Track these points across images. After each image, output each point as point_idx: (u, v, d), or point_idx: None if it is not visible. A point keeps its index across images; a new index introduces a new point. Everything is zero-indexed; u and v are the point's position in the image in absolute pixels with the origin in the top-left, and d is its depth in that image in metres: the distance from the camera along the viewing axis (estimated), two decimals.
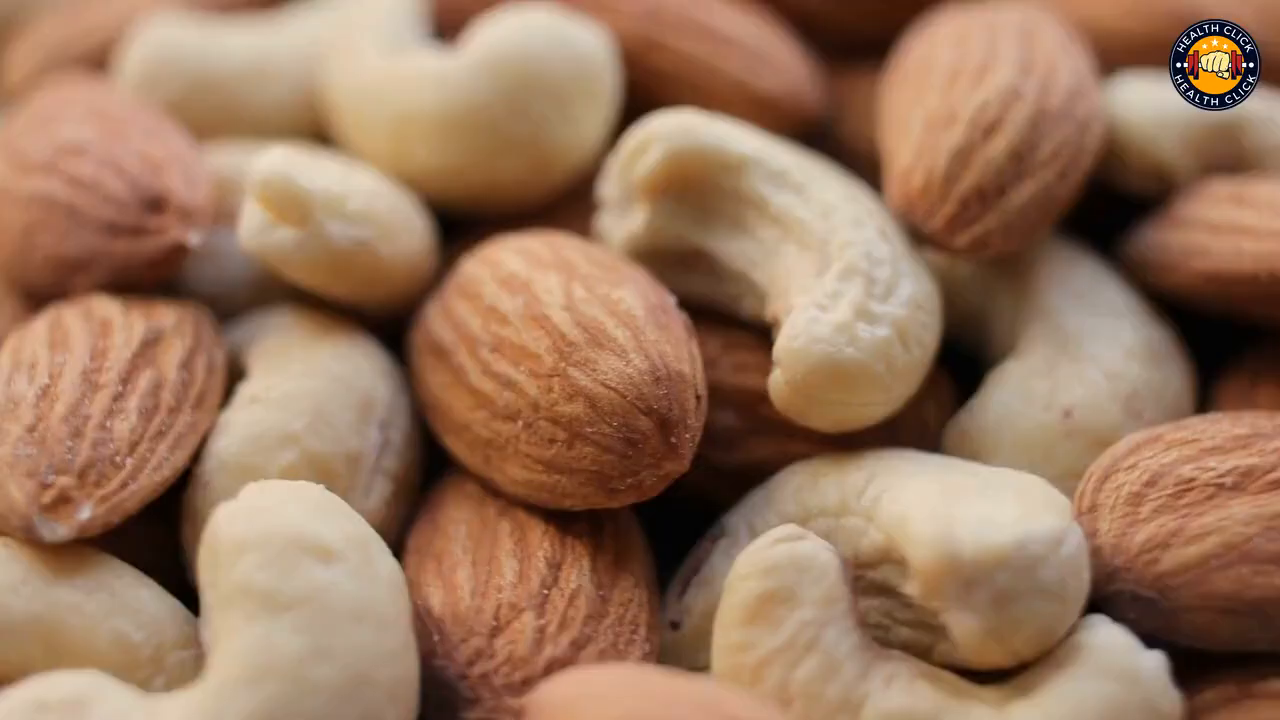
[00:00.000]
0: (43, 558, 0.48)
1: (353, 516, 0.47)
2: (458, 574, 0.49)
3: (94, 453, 0.48)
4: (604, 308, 0.50)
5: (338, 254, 0.53)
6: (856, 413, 0.50)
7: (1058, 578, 0.45)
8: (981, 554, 0.44)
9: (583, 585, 0.49)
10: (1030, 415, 0.52)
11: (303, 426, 0.51)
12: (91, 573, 0.48)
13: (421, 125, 0.58)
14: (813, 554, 0.47)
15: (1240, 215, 0.55)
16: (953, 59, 0.57)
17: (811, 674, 0.46)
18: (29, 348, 0.52)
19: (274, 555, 0.45)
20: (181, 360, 0.52)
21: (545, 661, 0.47)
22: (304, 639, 0.44)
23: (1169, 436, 0.50)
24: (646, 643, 0.49)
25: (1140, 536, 0.48)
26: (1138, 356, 0.54)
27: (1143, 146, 0.58)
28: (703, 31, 0.60)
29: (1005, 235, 0.53)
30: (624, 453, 0.49)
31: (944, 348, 0.57)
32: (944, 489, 0.47)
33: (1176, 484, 0.49)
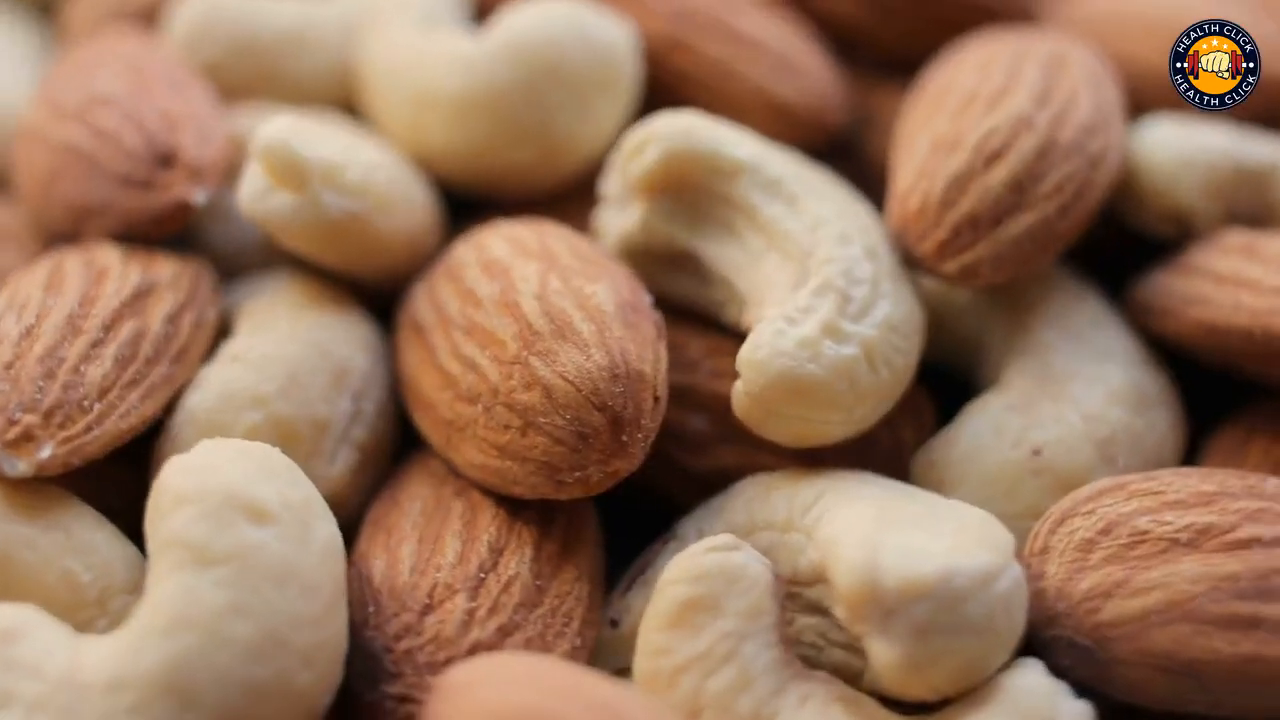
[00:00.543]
0: (3, 492, 0.49)
1: (299, 482, 0.48)
2: (403, 548, 0.50)
3: (63, 395, 0.49)
4: (574, 300, 0.50)
5: (330, 223, 0.54)
6: (816, 429, 0.50)
7: (984, 615, 0.45)
8: (903, 584, 0.44)
9: (520, 573, 0.49)
10: (998, 450, 0.52)
11: (273, 389, 0.52)
12: (50, 511, 0.50)
13: (439, 106, 0.58)
14: (743, 566, 0.47)
15: (1247, 268, 0.54)
16: (972, 83, 0.56)
17: (725, 685, 0.46)
18: (26, 288, 0.53)
19: (209, 510, 0.46)
20: (169, 314, 0.53)
21: (470, 644, 0.47)
22: (225, 594, 0.45)
23: (1134, 486, 0.49)
24: (578, 636, 0.49)
25: (1085, 584, 0.47)
26: (1122, 401, 0.53)
27: (1162, 189, 0.57)
28: (729, 35, 0.60)
29: (996, 265, 0.52)
30: (574, 446, 0.49)
31: (938, 374, 0.57)
32: (882, 514, 0.47)
33: (1131, 535, 0.48)
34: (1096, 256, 0.59)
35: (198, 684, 0.44)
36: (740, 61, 0.60)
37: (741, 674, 0.46)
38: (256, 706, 0.44)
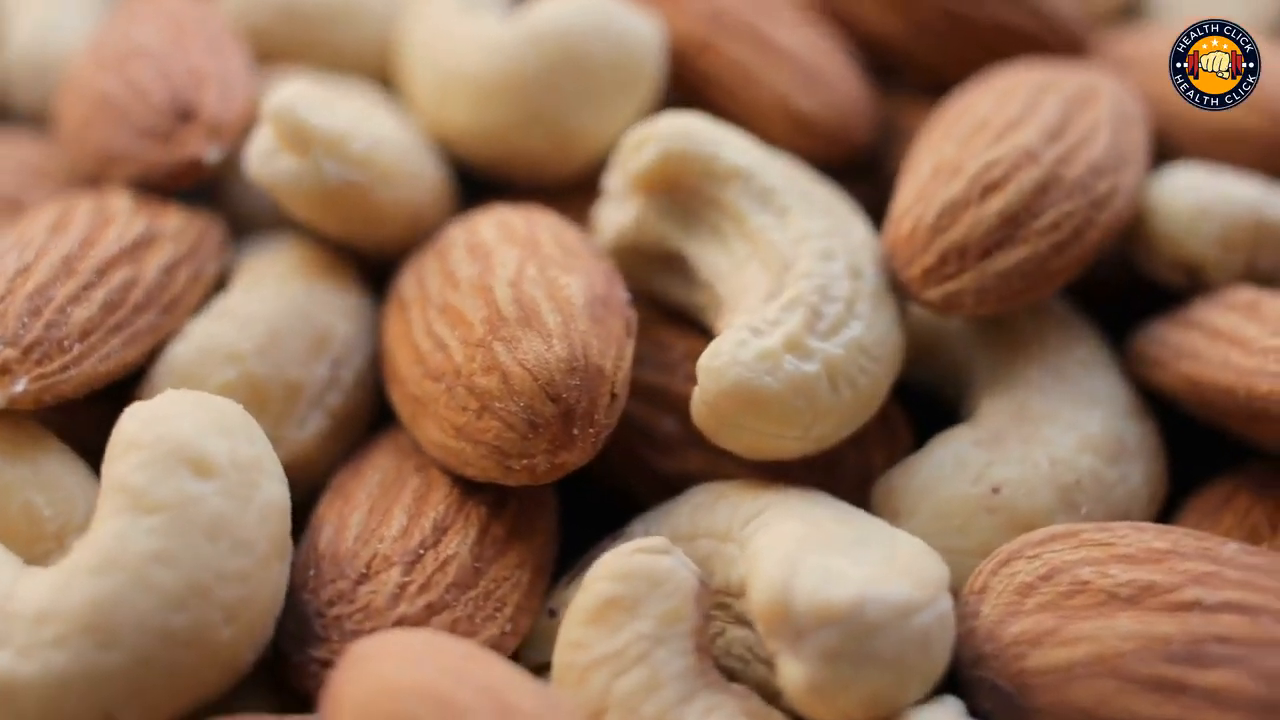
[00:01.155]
0: None
1: (255, 440, 0.49)
2: (353, 516, 0.51)
3: (44, 333, 0.51)
4: (546, 290, 0.51)
5: (329, 191, 0.54)
6: (770, 443, 0.50)
7: (896, 648, 0.44)
8: (814, 606, 0.43)
9: (459, 553, 0.49)
10: (957, 483, 0.51)
11: (251, 347, 0.53)
12: (22, 445, 0.51)
13: (463, 86, 0.59)
14: (669, 570, 0.47)
15: (1243, 326, 0.52)
16: (987, 111, 0.55)
17: (632, 687, 0.46)
18: (34, 227, 0.55)
19: (154, 459, 0.47)
20: (166, 264, 0.55)
21: (397, 617, 0.48)
22: (155, 542, 0.46)
23: (1086, 535, 0.48)
24: (510, 622, 0.49)
25: (1015, 628, 0.46)
26: (1096, 449, 0.52)
27: (1173, 236, 0.55)
28: (758, 41, 0.60)
29: (979, 298, 0.51)
30: (524, 434, 0.49)
31: (928, 401, 0.56)
32: (811, 534, 0.46)
33: (1071, 583, 0.47)
34: (1115, 299, 0.58)
35: (118, 625, 0.45)
36: (765, 68, 0.60)
37: (651, 677, 0.46)
38: (173, 653, 0.45)
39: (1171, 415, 0.55)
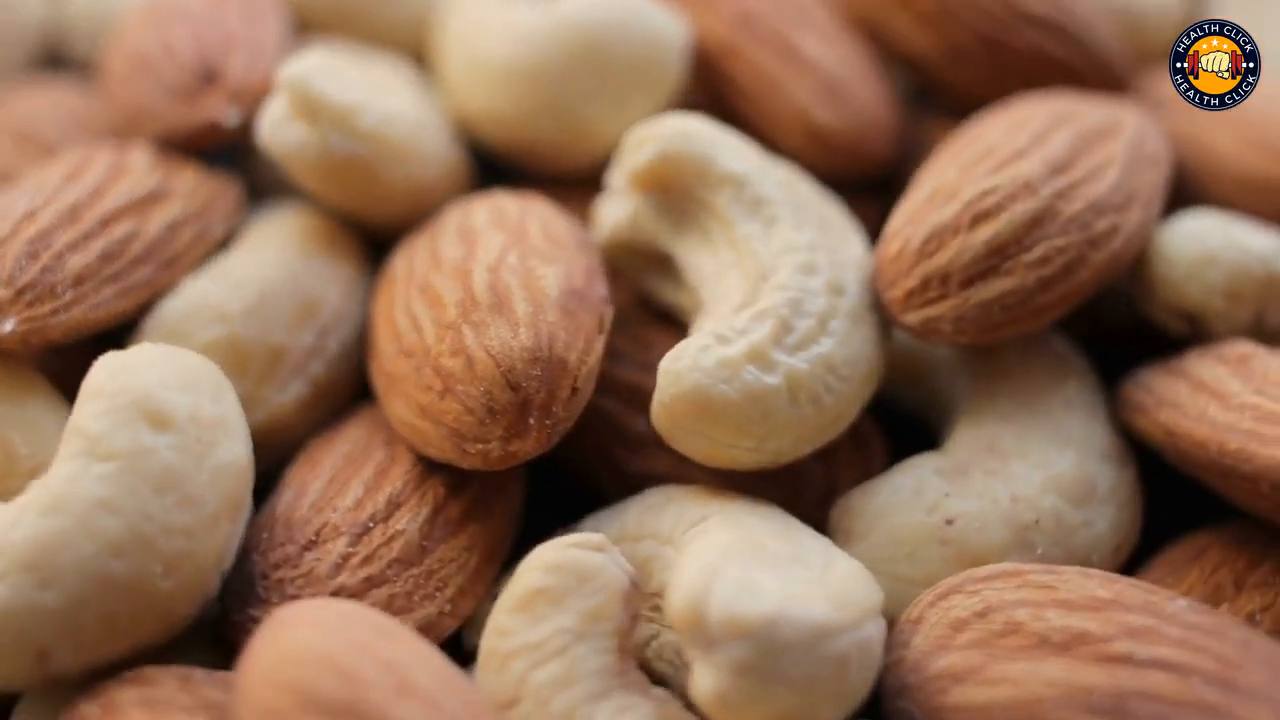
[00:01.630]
0: None
1: (222, 400, 0.50)
2: (314, 484, 0.52)
3: (39, 276, 0.52)
4: (522, 279, 0.51)
5: (333, 162, 0.55)
6: (723, 451, 0.49)
7: (807, 670, 0.43)
8: (727, 618, 0.43)
9: (407, 530, 0.50)
10: (913, 511, 0.50)
11: (239, 309, 0.54)
12: (8, 385, 0.53)
13: (486, 71, 0.60)
14: (599, 567, 0.47)
15: (1228, 381, 0.51)
16: (995, 139, 0.54)
17: (547, 679, 0.46)
18: (52, 173, 0.56)
19: (113, 408, 0.48)
20: (171, 222, 0.56)
21: (335, 587, 0.49)
22: (103, 489, 0.47)
23: (1031, 576, 0.47)
24: (449, 603, 0.50)
25: (942, 662, 0.46)
26: (1062, 491, 0.51)
27: (1175, 284, 0.54)
28: (784, 49, 0.60)
29: (957, 326, 0.51)
30: (482, 419, 0.49)
31: (916, 426, 0.56)
32: (743, 546, 0.46)
33: (1005, 623, 0.46)
34: (1128, 343, 0.57)
35: (58, 566, 0.46)
36: (787, 78, 0.59)
37: (567, 672, 0.46)
38: (109, 599, 0.46)
39: (1163, 464, 0.54)
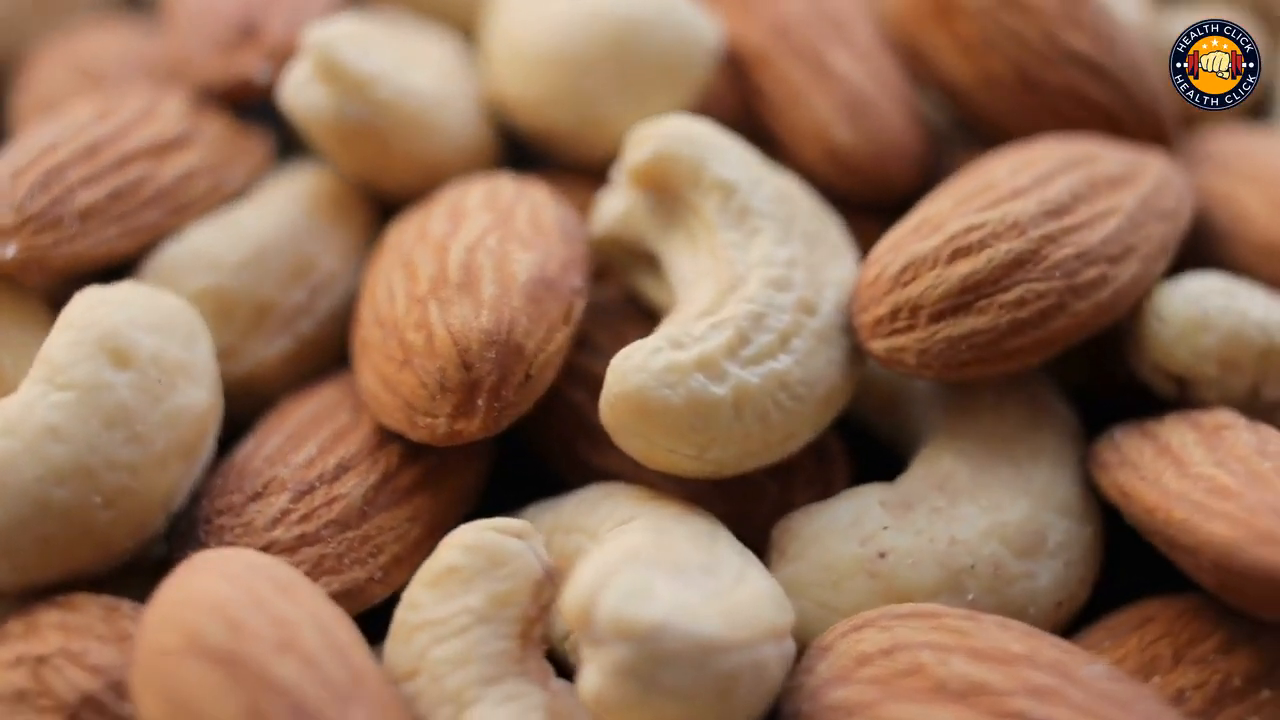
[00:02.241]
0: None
1: (194, 348, 0.51)
2: (274, 437, 0.53)
3: (48, 207, 0.54)
4: (496, 261, 0.51)
5: (346, 128, 0.56)
6: (663, 455, 0.49)
7: (688, 682, 0.43)
8: (613, 619, 0.43)
9: (351, 494, 0.51)
10: (847, 540, 0.50)
11: (233, 261, 0.55)
12: (8, 309, 0.55)
13: (519, 53, 0.60)
14: (514, 554, 0.47)
15: (1193, 448, 0.49)
16: (1001, 175, 0.53)
17: (445, 656, 0.46)
18: (84, 109, 0.58)
19: (80, 340, 0.50)
20: (187, 170, 0.57)
21: (268, 540, 0.50)
22: (55, 416, 0.48)
23: (947, 620, 0.46)
24: (381, 571, 0.50)
25: (838, 694, 0.45)
26: (1007, 539, 0.50)
27: (1165, 345, 0.53)
28: (814, 63, 0.59)
29: (921, 359, 0.50)
30: (433, 394, 0.50)
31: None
32: (653, 550, 0.46)
33: (909, 664, 0.45)
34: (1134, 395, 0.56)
35: (2, 485, 0.48)
36: (813, 93, 0.59)
37: (465, 652, 0.46)
38: (47, 522, 0.48)
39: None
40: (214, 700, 0.42)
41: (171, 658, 0.43)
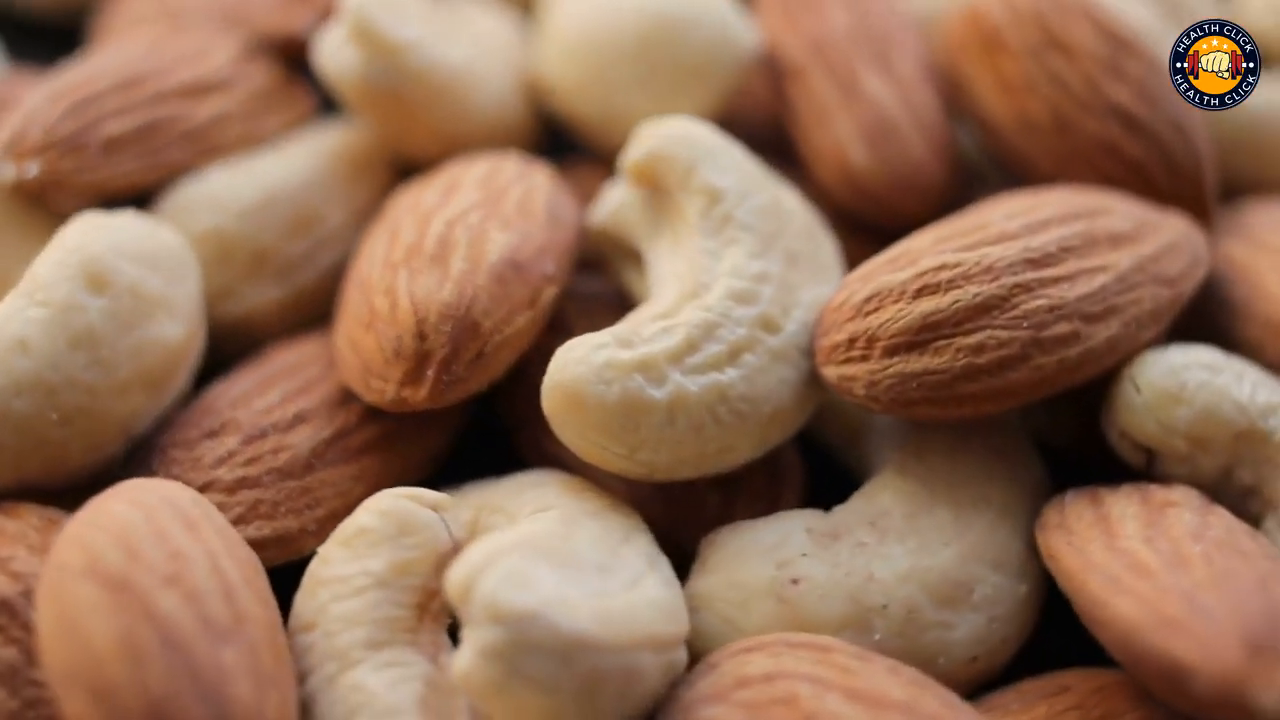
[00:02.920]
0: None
1: (178, 283, 0.53)
2: (244, 382, 0.54)
3: (75, 134, 0.56)
4: (471, 237, 0.52)
5: (371, 93, 0.58)
6: (595, 450, 0.49)
7: (550, 674, 0.43)
8: (487, 601, 0.43)
9: (299, 446, 0.52)
10: (764, 561, 0.49)
11: (238, 206, 0.57)
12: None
13: (559, 38, 0.61)
14: (424, 524, 0.48)
15: (1130, 522, 0.48)
16: (995, 218, 0.52)
17: (339, 614, 0.47)
18: (139, 43, 0.61)
19: (64, 261, 0.52)
20: (221, 114, 0.59)
21: (209, 478, 0.51)
22: (26, 330, 0.50)
23: (836, 657, 0.46)
24: (316, 524, 0.51)
25: (707, 712, 0.45)
26: (926, 585, 0.49)
27: (1135, 413, 0.51)
28: (847, 81, 0.58)
29: (870, 391, 0.49)
30: (387, 359, 0.51)
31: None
32: (549, 541, 0.46)
33: (784, 694, 0.45)
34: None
35: None
36: (838, 111, 0.58)
37: (357, 613, 0.47)
38: (2, 430, 0.50)
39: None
40: (95, 620, 0.43)
41: (69, 575, 0.45)
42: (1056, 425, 0.55)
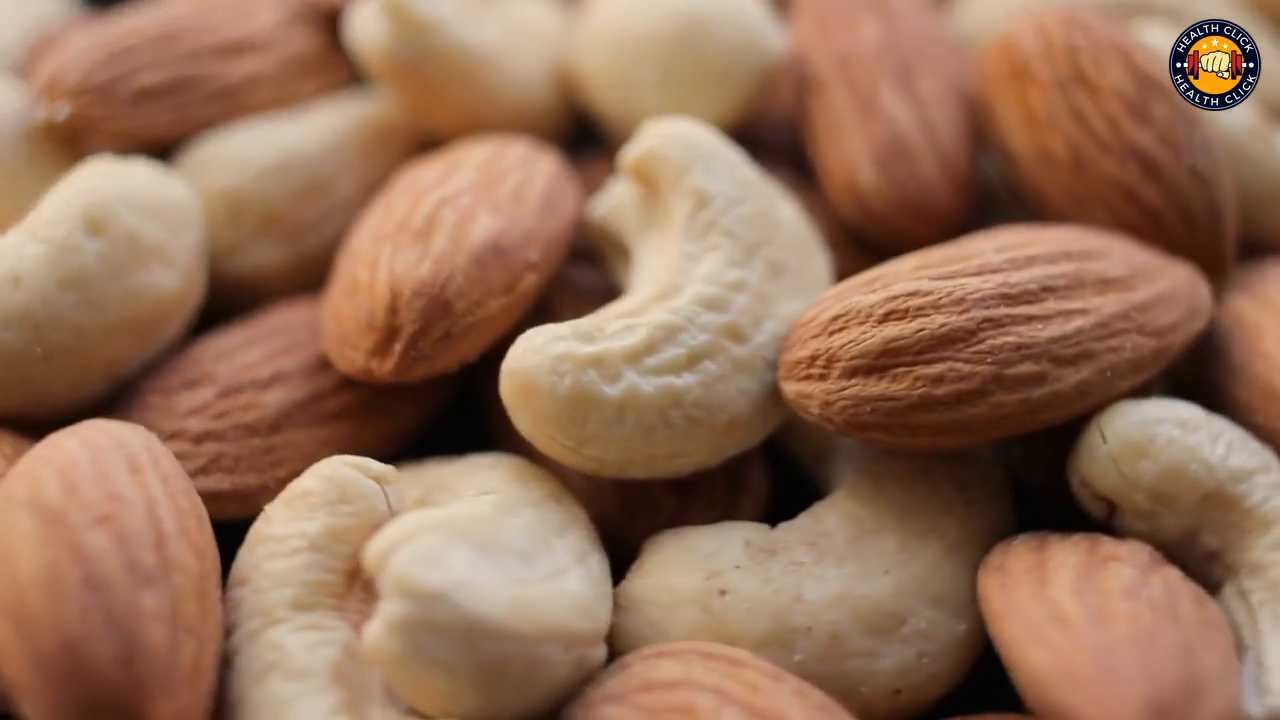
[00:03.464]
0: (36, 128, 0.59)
1: (180, 235, 0.54)
2: (234, 336, 0.55)
3: (109, 82, 0.58)
4: (459, 218, 0.53)
5: (396, 68, 0.58)
6: (545, 439, 0.50)
7: (451, 656, 0.43)
8: (397, 576, 0.44)
9: (270, 405, 0.53)
10: (696, 569, 0.49)
11: (255, 167, 0.58)
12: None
13: (596, 31, 0.61)
14: (364, 494, 0.49)
15: (1063, 572, 0.47)
16: (983, 249, 0.51)
17: (271, 572, 0.48)
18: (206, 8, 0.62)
19: (68, 202, 0.53)
20: (256, 74, 0.61)
21: (177, 427, 0.53)
22: (21, 266, 0.52)
23: (747, 673, 0.45)
24: (276, 482, 0.52)
25: (606, 711, 0.45)
26: (856, 613, 0.48)
27: (1096, 463, 0.50)
28: (867, 98, 0.58)
29: (824, 410, 0.49)
30: (359, 329, 0.52)
31: None
32: (471, 525, 0.46)
33: (684, 703, 0.45)
34: None
35: None
36: (853, 128, 0.57)
37: (288, 573, 0.48)
38: None
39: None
40: (25, 550, 0.45)
41: (13, 504, 0.46)
42: (1031, 463, 0.54)
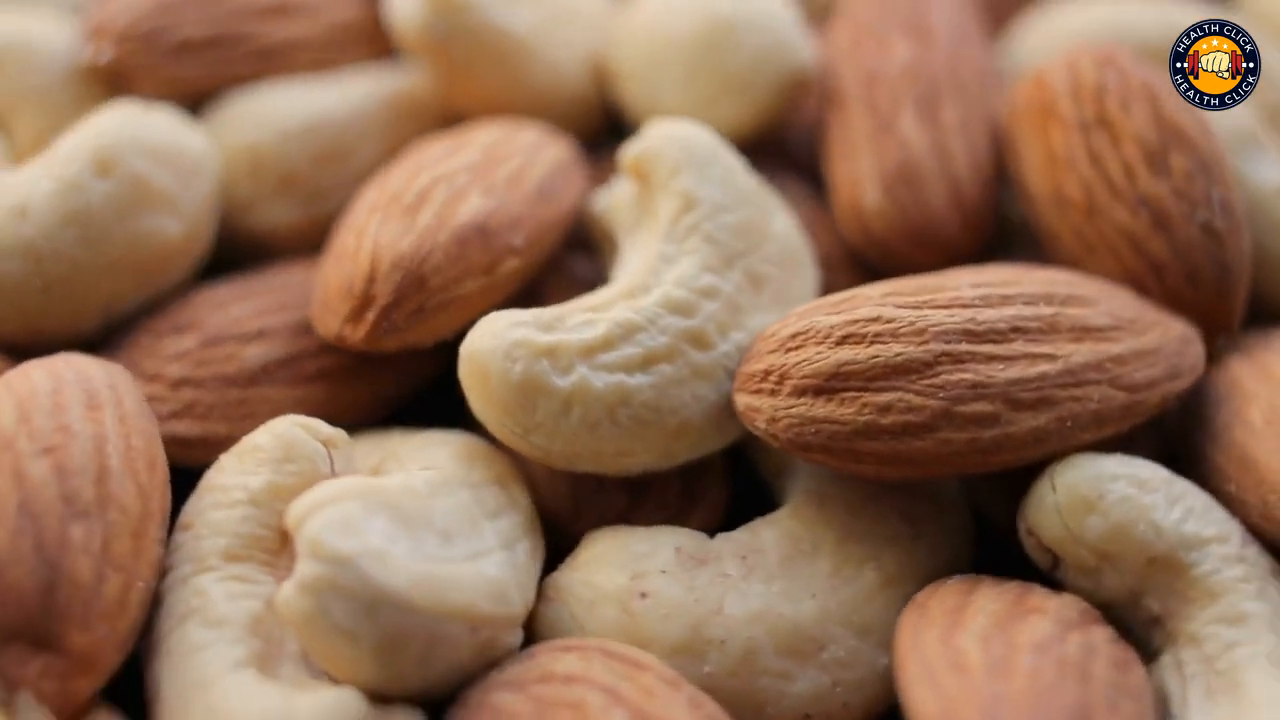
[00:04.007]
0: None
1: (191, 185, 0.56)
2: (233, 288, 0.57)
3: (151, 33, 0.60)
4: (448, 196, 0.53)
5: (428, 44, 0.59)
6: (496, 425, 0.50)
7: (352, 622, 0.44)
8: (311, 538, 0.44)
9: (250, 359, 0.55)
10: (623, 568, 0.49)
11: (278, 128, 0.60)
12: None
13: (631, 27, 0.61)
14: (308, 455, 0.50)
15: (980, 618, 0.46)
16: (962, 282, 0.50)
17: (210, 521, 0.49)
18: None
19: (82, 143, 0.55)
20: (297, 39, 0.63)
21: (159, 371, 0.54)
22: (30, 201, 0.54)
23: (647, 679, 0.45)
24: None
25: (500, 696, 0.46)
26: (775, 632, 0.48)
27: (1043, 513, 0.49)
28: (883, 120, 0.57)
29: (770, 426, 0.48)
30: (340, 296, 0.53)
31: None
32: (396, 497, 0.47)
33: (575, 698, 0.45)
34: None
35: None
36: (866, 148, 0.57)
37: (225, 523, 0.49)
38: None
39: None
40: None
41: None
42: (994, 503, 0.53)
